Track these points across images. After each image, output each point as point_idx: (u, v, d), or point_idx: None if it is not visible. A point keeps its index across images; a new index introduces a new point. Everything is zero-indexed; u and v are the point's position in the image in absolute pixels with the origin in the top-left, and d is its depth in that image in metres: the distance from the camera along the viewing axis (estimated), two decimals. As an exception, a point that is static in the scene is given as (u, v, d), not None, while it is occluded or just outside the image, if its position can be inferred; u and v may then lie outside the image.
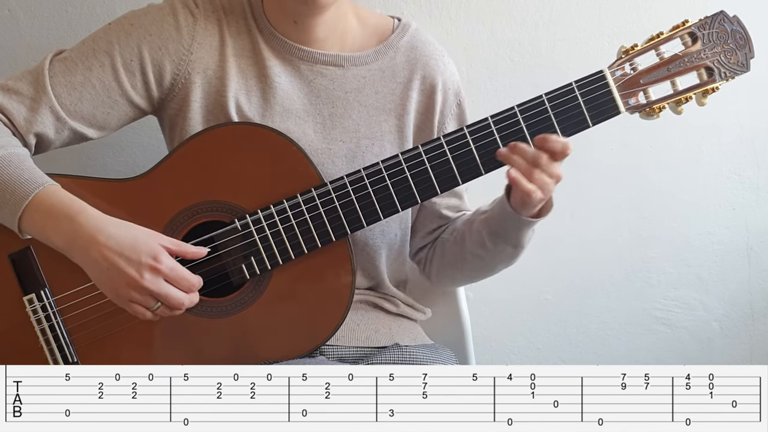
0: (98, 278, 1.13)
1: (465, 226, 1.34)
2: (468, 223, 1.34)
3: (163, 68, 1.25)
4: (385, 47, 1.32)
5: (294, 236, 1.19)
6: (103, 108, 1.24)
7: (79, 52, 1.23)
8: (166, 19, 1.25)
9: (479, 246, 1.30)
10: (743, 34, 1.17)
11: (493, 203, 1.29)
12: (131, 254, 1.10)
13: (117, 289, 1.11)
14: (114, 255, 1.10)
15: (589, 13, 1.69)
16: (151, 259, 1.10)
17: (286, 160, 1.20)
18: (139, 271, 1.10)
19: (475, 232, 1.30)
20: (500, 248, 1.28)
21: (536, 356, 1.86)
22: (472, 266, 1.34)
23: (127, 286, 1.10)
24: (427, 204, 1.36)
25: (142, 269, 1.10)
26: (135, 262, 1.10)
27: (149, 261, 1.10)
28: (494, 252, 1.29)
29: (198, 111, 1.26)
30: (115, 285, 1.11)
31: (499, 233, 1.26)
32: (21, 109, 1.20)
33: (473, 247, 1.31)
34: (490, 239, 1.28)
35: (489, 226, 1.27)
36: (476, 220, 1.31)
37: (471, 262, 1.33)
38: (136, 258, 1.10)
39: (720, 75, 1.17)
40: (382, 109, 1.30)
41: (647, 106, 1.19)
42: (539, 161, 1.15)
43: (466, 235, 1.32)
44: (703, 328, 1.88)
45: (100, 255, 1.10)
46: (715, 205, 1.81)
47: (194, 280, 1.14)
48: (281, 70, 1.28)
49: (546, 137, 1.15)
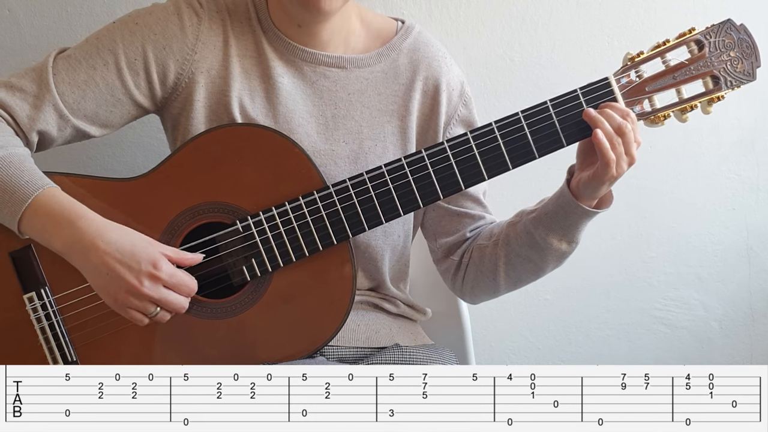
0: (97, 283, 1.13)
1: (508, 228, 1.30)
2: (511, 225, 1.30)
3: (167, 68, 1.25)
4: (388, 49, 1.32)
5: (295, 238, 1.19)
6: (106, 106, 1.24)
7: (83, 50, 1.23)
8: (170, 18, 1.25)
9: (530, 247, 1.26)
10: (750, 43, 1.16)
11: (542, 202, 1.26)
12: (131, 261, 1.11)
13: (115, 295, 1.12)
14: (114, 261, 1.10)
15: (589, 13, 1.69)
16: (150, 266, 1.11)
17: (289, 162, 1.20)
18: (139, 278, 1.10)
19: (523, 232, 1.27)
20: (555, 246, 1.24)
21: (536, 356, 1.86)
22: (519, 270, 1.30)
23: (126, 292, 1.11)
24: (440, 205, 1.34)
25: (141, 276, 1.10)
26: (135, 269, 1.10)
27: (149, 268, 1.11)
28: (547, 251, 1.25)
29: (201, 111, 1.26)
30: (114, 291, 1.11)
31: (554, 229, 1.23)
32: (24, 106, 1.20)
33: (522, 249, 1.27)
34: (543, 238, 1.24)
35: (541, 224, 1.24)
36: (522, 221, 1.27)
37: (518, 265, 1.29)
38: (136, 265, 1.10)
39: (726, 84, 1.17)
40: (384, 110, 1.30)
41: (652, 113, 1.19)
42: (624, 130, 1.14)
43: (511, 237, 1.28)
44: (703, 328, 1.88)
45: (100, 261, 1.11)
46: (715, 205, 1.81)
47: (193, 285, 1.15)
48: (284, 71, 1.28)
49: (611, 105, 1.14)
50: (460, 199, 1.34)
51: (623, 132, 1.14)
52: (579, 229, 1.23)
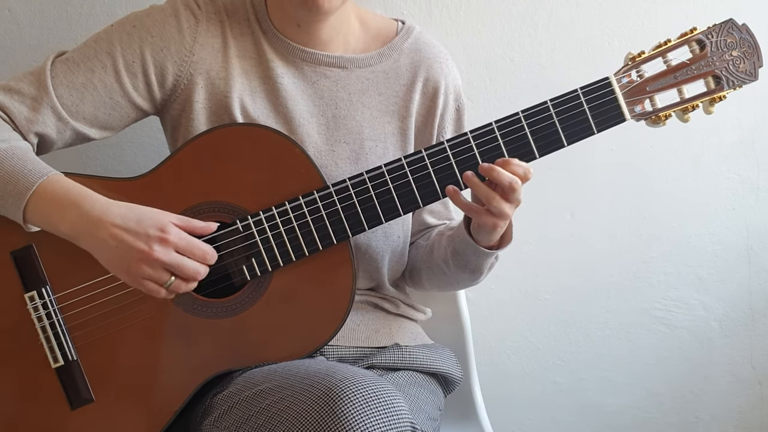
0: (108, 259, 1.12)
1: (436, 237, 1.35)
2: (439, 235, 1.35)
3: (165, 69, 1.25)
4: (389, 49, 1.32)
5: (295, 238, 1.19)
6: (104, 109, 1.24)
7: (81, 53, 1.23)
8: (167, 20, 1.24)
9: (443, 261, 1.30)
10: (752, 43, 1.16)
11: (460, 222, 1.29)
12: (138, 228, 1.10)
13: (128, 267, 1.10)
14: (121, 232, 1.10)
15: (589, 14, 1.69)
16: (158, 230, 1.10)
17: (289, 162, 1.20)
18: (148, 244, 1.09)
19: (441, 246, 1.31)
20: (460, 269, 1.28)
21: (536, 356, 1.86)
22: (437, 278, 1.35)
23: (139, 260, 1.10)
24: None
25: (150, 242, 1.09)
26: (143, 235, 1.10)
27: (156, 233, 1.10)
28: (455, 271, 1.29)
29: (202, 112, 1.26)
30: (126, 262, 1.10)
31: (460, 255, 1.26)
32: (22, 109, 1.20)
33: (438, 261, 1.32)
34: (452, 259, 1.28)
35: (452, 246, 1.27)
36: (445, 235, 1.32)
37: (436, 274, 1.34)
38: (144, 231, 1.10)
39: (727, 83, 1.17)
40: (385, 111, 1.30)
41: (653, 113, 1.18)
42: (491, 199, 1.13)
43: (434, 246, 1.33)
44: (703, 328, 1.88)
45: (108, 233, 1.10)
46: (715, 205, 1.81)
47: (207, 248, 1.13)
48: (285, 72, 1.28)
49: (508, 162, 1.12)
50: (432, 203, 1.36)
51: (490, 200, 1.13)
52: (480, 263, 1.25)
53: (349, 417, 0.99)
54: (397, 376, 1.31)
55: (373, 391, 1.02)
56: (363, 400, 1.00)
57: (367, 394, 1.01)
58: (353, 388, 1.01)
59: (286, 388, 1.07)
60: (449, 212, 1.42)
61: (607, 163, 1.76)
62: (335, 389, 1.01)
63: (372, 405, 1.00)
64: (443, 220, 1.41)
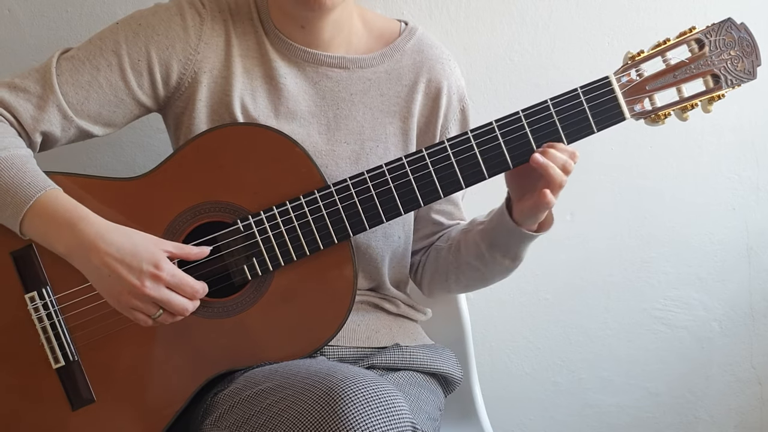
0: (100, 285, 1.13)
1: (461, 235, 1.34)
2: (464, 232, 1.34)
3: (170, 68, 1.25)
4: (392, 50, 1.32)
5: (296, 237, 1.19)
6: (109, 107, 1.24)
7: (87, 50, 1.23)
8: (173, 18, 1.25)
9: (476, 257, 1.30)
10: (750, 41, 1.16)
11: (491, 215, 1.29)
12: (132, 261, 1.10)
13: (118, 297, 1.11)
14: (115, 262, 1.10)
15: (589, 13, 1.69)
16: (152, 266, 1.10)
17: (290, 162, 1.20)
18: (140, 279, 1.10)
19: (471, 243, 1.30)
20: (498, 261, 1.28)
21: (536, 356, 1.86)
22: (468, 276, 1.35)
23: (129, 293, 1.10)
24: (421, 209, 1.36)
25: (143, 277, 1.10)
26: (136, 269, 1.10)
27: (150, 268, 1.10)
28: (492, 264, 1.29)
29: (203, 110, 1.26)
30: (117, 292, 1.11)
31: (499, 246, 1.26)
32: (28, 107, 1.20)
33: (470, 257, 1.31)
34: (488, 251, 1.28)
35: (488, 238, 1.27)
36: (473, 231, 1.31)
37: (467, 272, 1.34)
38: (137, 265, 1.10)
39: (726, 82, 1.17)
40: (387, 111, 1.30)
41: (653, 112, 1.18)
42: (569, 168, 1.16)
43: (462, 245, 1.32)
44: (703, 328, 1.88)
45: (101, 262, 1.10)
46: (715, 205, 1.81)
47: (197, 286, 1.14)
48: (287, 72, 1.28)
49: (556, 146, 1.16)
50: (441, 203, 1.36)
51: (568, 170, 1.16)
52: (522, 249, 1.26)
53: (350, 417, 0.99)
54: (398, 376, 1.31)
55: (374, 391, 1.02)
56: (364, 400, 1.00)
57: (368, 394, 1.01)
58: (354, 388, 1.01)
59: (287, 388, 1.07)
60: (461, 212, 1.41)
61: (607, 163, 1.76)
62: (336, 389, 1.01)
63: (373, 405, 1.00)
64: (456, 220, 1.41)
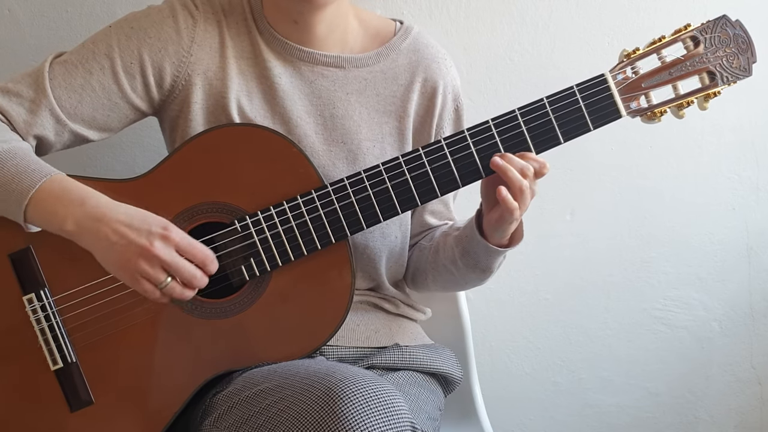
0: (107, 255, 1.12)
1: (441, 238, 1.35)
2: (444, 235, 1.35)
3: (163, 70, 1.24)
4: (387, 49, 1.32)
5: (293, 237, 1.19)
6: (103, 110, 1.24)
7: (79, 54, 1.23)
8: (165, 21, 1.24)
9: (451, 262, 1.31)
10: (745, 39, 1.16)
11: (468, 221, 1.29)
12: (141, 225, 1.10)
13: (127, 262, 1.10)
14: (124, 227, 1.10)
15: (589, 13, 1.69)
16: (161, 228, 1.10)
17: (286, 162, 1.20)
18: (149, 239, 1.09)
19: (448, 247, 1.31)
20: (470, 269, 1.28)
21: (536, 356, 1.86)
22: (444, 279, 1.35)
23: (138, 255, 1.09)
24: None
25: (152, 237, 1.10)
26: (145, 231, 1.10)
27: (159, 230, 1.10)
28: (465, 271, 1.30)
29: (199, 113, 1.26)
30: (126, 257, 1.10)
31: (470, 255, 1.27)
32: (20, 111, 1.20)
33: (446, 261, 1.32)
34: (461, 259, 1.28)
35: (461, 246, 1.28)
36: (451, 235, 1.32)
37: (443, 274, 1.34)
38: (147, 228, 1.10)
39: (722, 79, 1.17)
40: (383, 111, 1.30)
41: (649, 110, 1.18)
42: (527, 173, 1.15)
43: (440, 247, 1.33)
44: (703, 328, 1.88)
45: (111, 229, 1.10)
46: (715, 205, 1.81)
47: (208, 252, 1.13)
48: (282, 71, 1.28)
49: (524, 155, 1.15)
50: (433, 203, 1.37)
51: (526, 174, 1.15)
52: (491, 262, 1.26)
53: (349, 417, 0.99)
54: (397, 376, 1.31)
55: (373, 391, 1.02)
56: (363, 400, 1.00)
57: (367, 394, 1.01)
58: (353, 388, 1.01)
59: (286, 388, 1.07)
60: (450, 212, 1.42)
61: (607, 163, 1.76)
62: (335, 389, 1.01)
63: (372, 405, 1.00)
64: (444, 220, 1.41)
